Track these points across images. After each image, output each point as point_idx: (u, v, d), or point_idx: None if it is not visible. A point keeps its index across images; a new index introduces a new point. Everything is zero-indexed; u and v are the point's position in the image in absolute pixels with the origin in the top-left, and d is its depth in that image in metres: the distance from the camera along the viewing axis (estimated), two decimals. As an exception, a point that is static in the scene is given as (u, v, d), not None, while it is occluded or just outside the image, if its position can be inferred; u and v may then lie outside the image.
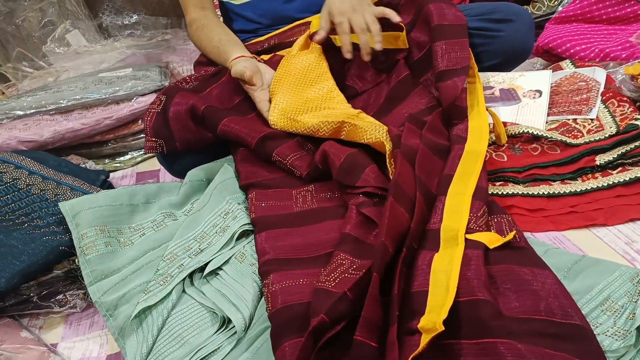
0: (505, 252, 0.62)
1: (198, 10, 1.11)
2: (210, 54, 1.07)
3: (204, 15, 1.10)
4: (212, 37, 1.05)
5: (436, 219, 0.68)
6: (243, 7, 1.14)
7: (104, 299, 0.71)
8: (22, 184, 0.90)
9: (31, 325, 0.76)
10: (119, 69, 1.38)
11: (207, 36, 1.06)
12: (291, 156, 0.86)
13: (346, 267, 0.61)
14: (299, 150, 0.88)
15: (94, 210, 0.81)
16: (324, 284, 0.58)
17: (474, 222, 0.66)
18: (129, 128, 1.25)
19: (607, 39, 1.17)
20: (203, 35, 1.07)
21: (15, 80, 1.63)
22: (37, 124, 1.19)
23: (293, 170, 0.86)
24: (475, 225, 0.66)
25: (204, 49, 1.09)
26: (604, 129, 0.86)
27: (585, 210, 0.77)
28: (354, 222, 0.70)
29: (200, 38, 1.08)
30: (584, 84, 0.98)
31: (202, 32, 1.08)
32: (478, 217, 0.67)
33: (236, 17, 1.17)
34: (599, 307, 0.57)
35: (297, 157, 0.86)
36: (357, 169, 0.77)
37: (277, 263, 0.67)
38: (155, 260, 0.77)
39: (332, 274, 0.60)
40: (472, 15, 1.03)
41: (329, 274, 0.60)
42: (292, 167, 0.86)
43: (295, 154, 0.87)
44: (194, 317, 0.66)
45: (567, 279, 0.62)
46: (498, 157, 0.87)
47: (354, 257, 0.62)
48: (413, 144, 0.77)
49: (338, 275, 0.60)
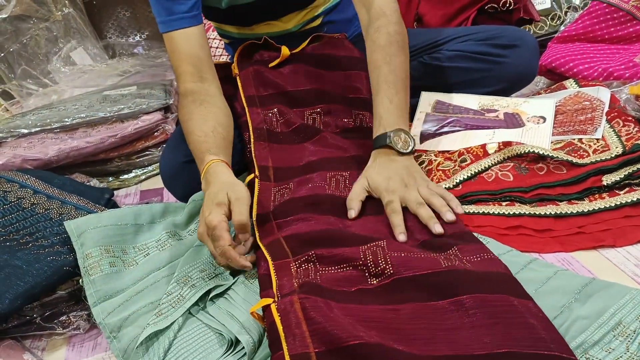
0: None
1: (196, 81, 0.91)
2: (192, 143, 0.87)
3: (204, 89, 0.92)
4: (207, 118, 0.87)
5: None
6: None
7: (108, 320, 0.70)
8: (26, 203, 0.90)
9: (34, 347, 0.75)
10: (124, 87, 1.39)
11: (202, 117, 0.87)
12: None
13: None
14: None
15: (99, 229, 0.81)
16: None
17: None
18: (134, 146, 1.25)
19: (610, 58, 1.18)
20: (197, 114, 0.88)
21: (20, 97, 1.64)
22: (41, 142, 1.20)
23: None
24: None
25: (190, 131, 0.87)
26: (609, 148, 0.85)
27: (593, 231, 0.76)
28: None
29: (193, 116, 0.88)
30: (588, 103, 0.99)
31: (199, 109, 0.88)
32: None
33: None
34: (611, 332, 0.56)
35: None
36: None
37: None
38: (160, 280, 0.76)
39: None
40: (476, 40, 1.04)
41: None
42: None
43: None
44: (200, 340, 0.65)
45: (578, 301, 0.62)
46: (504, 176, 0.87)
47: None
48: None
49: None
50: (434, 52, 1.08)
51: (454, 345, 0.53)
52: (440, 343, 0.54)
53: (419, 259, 0.66)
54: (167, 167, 1.00)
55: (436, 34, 1.12)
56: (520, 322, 0.54)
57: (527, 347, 0.51)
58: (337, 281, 0.64)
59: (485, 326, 0.55)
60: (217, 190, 0.75)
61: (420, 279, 0.62)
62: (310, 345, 0.53)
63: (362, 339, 0.52)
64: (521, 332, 0.53)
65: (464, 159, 0.93)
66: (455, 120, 1.03)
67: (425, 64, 1.09)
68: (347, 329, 0.53)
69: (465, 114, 1.04)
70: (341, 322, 0.55)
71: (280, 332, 0.55)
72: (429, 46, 1.09)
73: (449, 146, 0.99)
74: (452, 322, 0.56)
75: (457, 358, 0.52)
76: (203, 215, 0.75)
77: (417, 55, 1.11)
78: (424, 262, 0.65)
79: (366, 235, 0.72)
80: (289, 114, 1.00)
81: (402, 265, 0.64)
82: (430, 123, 1.04)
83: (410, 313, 0.58)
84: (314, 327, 0.54)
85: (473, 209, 0.84)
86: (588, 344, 0.56)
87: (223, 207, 0.73)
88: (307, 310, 0.56)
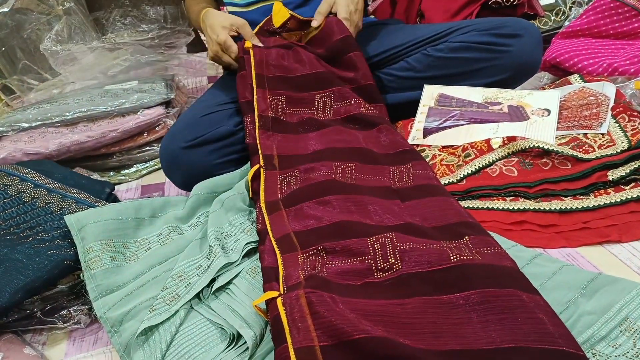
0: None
1: None
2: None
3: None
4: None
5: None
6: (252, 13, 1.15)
7: (109, 315, 0.69)
8: (27, 197, 0.89)
9: (34, 341, 0.74)
10: (125, 81, 1.38)
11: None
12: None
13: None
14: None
15: (100, 223, 0.80)
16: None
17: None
18: (135, 141, 1.24)
19: (614, 53, 1.16)
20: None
21: (21, 92, 1.63)
22: (42, 136, 1.19)
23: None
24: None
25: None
26: (615, 144, 0.85)
27: (599, 227, 0.75)
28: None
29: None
30: (594, 98, 0.98)
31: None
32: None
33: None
34: (617, 328, 0.56)
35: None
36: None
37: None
38: (161, 275, 0.76)
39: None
40: (480, 30, 1.03)
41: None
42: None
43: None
44: (202, 334, 0.65)
45: (584, 297, 0.61)
46: (508, 171, 0.86)
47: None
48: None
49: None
50: (437, 44, 1.08)
51: (461, 339, 0.53)
52: (447, 337, 0.53)
53: (429, 250, 0.64)
54: (166, 153, 1.00)
55: (439, 26, 1.12)
56: (529, 317, 0.53)
57: (535, 342, 0.50)
58: (344, 274, 0.64)
59: (494, 321, 0.54)
60: (223, 20, 1.06)
61: (428, 274, 0.62)
62: (315, 339, 0.52)
63: (368, 333, 0.51)
64: (529, 327, 0.52)
65: (468, 153, 0.93)
66: (458, 114, 1.02)
67: (429, 56, 1.09)
68: (352, 322, 0.53)
69: (469, 107, 1.03)
70: (347, 316, 0.54)
71: (285, 325, 0.55)
72: (432, 38, 1.09)
73: (453, 141, 0.98)
74: (460, 316, 0.56)
75: (464, 353, 0.51)
76: (211, 39, 1.07)
77: (420, 48, 1.10)
78: (433, 255, 0.64)
79: (376, 224, 0.71)
80: (297, 102, 1.00)
81: (412, 260, 0.63)
82: (433, 117, 1.03)
83: (417, 307, 0.58)
84: (319, 321, 0.54)
85: (477, 204, 0.83)
86: (594, 340, 0.55)
87: (228, 29, 1.05)
88: (313, 304, 0.56)
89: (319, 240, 0.69)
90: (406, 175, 0.87)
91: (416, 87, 1.10)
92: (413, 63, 1.11)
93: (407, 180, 0.86)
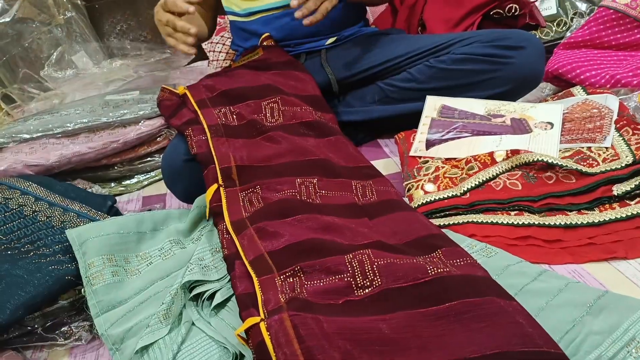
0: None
1: None
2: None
3: None
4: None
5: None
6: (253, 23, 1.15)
7: (110, 332, 0.69)
8: (28, 211, 0.88)
9: (35, 358, 0.74)
10: (126, 91, 1.38)
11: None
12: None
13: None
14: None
15: (101, 238, 0.80)
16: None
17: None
18: (136, 151, 1.24)
19: (617, 65, 1.16)
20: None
21: (21, 101, 1.63)
22: (43, 148, 1.18)
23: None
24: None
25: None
26: (619, 157, 0.84)
27: (604, 242, 0.75)
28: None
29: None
30: (597, 111, 0.97)
31: None
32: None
33: (246, 34, 1.17)
34: (625, 348, 0.55)
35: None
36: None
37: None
38: (163, 290, 0.75)
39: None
40: (483, 42, 1.03)
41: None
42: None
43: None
44: (205, 353, 0.64)
45: (590, 315, 0.60)
46: (512, 185, 0.86)
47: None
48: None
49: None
50: (440, 55, 1.08)
51: (447, 351, 0.53)
52: (434, 350, 0.53)
53: (405, 266, 0.64)
54: (168, 165, 0.99)
55: (442, 37, 1.12)
56: (509, 322, 0.55)
57: (518, 345, 0.52)
58: (324, 294, 0.63)
59: (477, 329, 0.55)
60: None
61: (409, 288, 0.62)
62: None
63: (354, 358, 0.51)
64: (511, 332, 0.53)
65: (471, 166, 0.92)
66: (461, 126, 1.02)
67: (432, 67, 1.09)
68: (339, 347, 0.52)
69: (472, 119, 1.03)
70: (334, 340, 0.53)
71: (270, 350, 0.54)
72: (435, 49, 1.09)
73: (456, 153, 0.97)
74: (444, 327, 0.56)
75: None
76: (160, 22, 1.04)
77: (423, 59, 1.10)
78: (411, 269, 0.64)
79: (349, 243, 0.71)
80: (243, 107, 1.00)
81: (391, 275, 0.63)
82: (436, 128, 1.03)
83: (401, 322, 0.58)
84: (305, 345, 0.53)
85: (481, 219, 0.83)
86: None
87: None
88: (298, 327, 0.55)
89: (295, 260, 0.68)
90: (369, 191, 0.88)
91: (418, 98, 1.10)
92: (415, 74, 1.11)
93: (370, 196, 0.87)
